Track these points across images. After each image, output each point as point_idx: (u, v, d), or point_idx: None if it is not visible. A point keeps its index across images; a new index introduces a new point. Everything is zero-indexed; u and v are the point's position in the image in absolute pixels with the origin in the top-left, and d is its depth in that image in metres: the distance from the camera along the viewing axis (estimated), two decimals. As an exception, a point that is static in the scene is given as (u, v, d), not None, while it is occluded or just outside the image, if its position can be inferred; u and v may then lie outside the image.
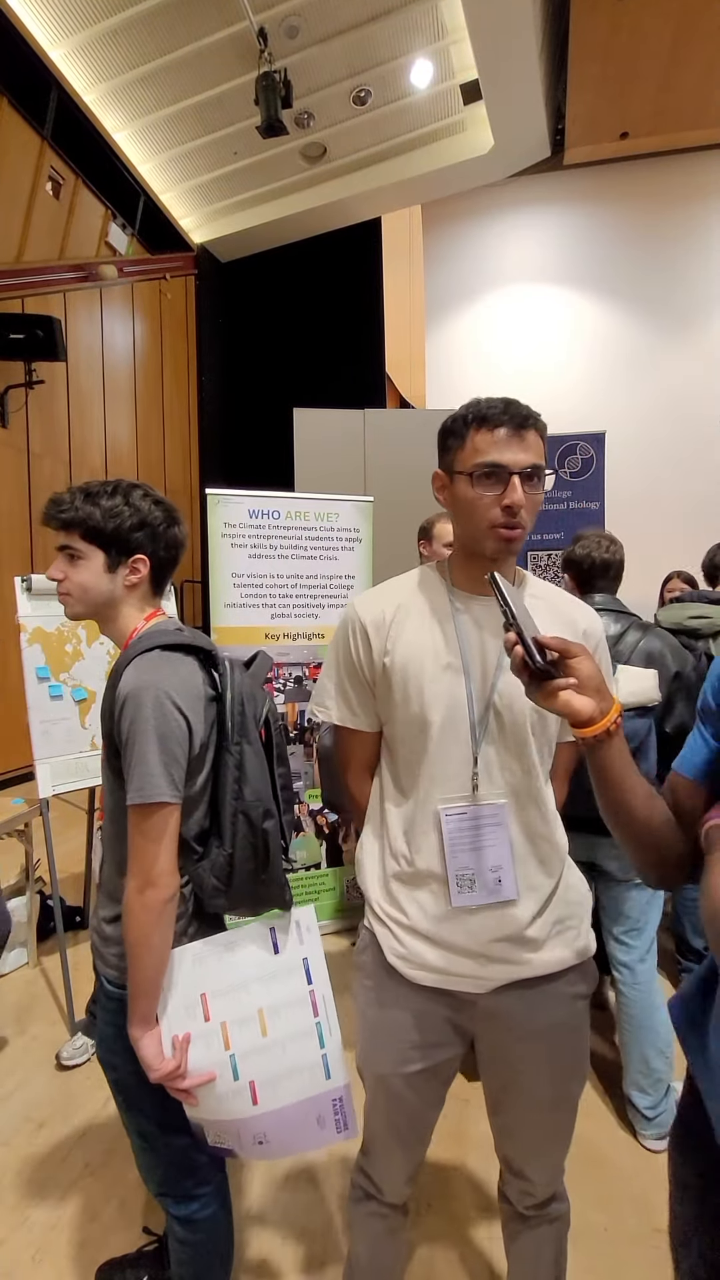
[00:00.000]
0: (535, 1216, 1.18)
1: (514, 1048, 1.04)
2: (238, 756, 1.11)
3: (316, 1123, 1.08)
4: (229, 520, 2.89)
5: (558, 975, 1.03)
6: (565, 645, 0.80)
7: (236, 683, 1.14)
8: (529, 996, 1.02)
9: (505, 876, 1.00)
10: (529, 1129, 1.10)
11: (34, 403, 4.52)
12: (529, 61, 4.90)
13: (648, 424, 6.72)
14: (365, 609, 1.08)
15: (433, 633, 1.03)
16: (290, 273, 6.70)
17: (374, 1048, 1.08)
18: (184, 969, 1.07)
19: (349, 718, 1.11)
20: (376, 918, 1.07)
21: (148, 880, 1.01)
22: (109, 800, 1.11)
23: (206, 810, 1.12)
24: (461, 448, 0.98)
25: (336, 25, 4.71)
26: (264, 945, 1.09)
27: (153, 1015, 1.05)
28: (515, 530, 0.96)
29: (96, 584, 1.11)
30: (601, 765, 0.82)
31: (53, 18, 4.33)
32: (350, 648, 1.09)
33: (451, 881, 1.00)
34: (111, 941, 1.11)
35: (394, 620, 1.06)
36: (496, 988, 1.01)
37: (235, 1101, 1.06)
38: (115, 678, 1.06)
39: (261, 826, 1.10)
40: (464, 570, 1.06)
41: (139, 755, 1.00)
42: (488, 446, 0.96)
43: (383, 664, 1.04)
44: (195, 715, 1.06)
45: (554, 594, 1.11)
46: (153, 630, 1.12)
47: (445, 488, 1.02)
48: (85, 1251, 1.58)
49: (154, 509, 1.13)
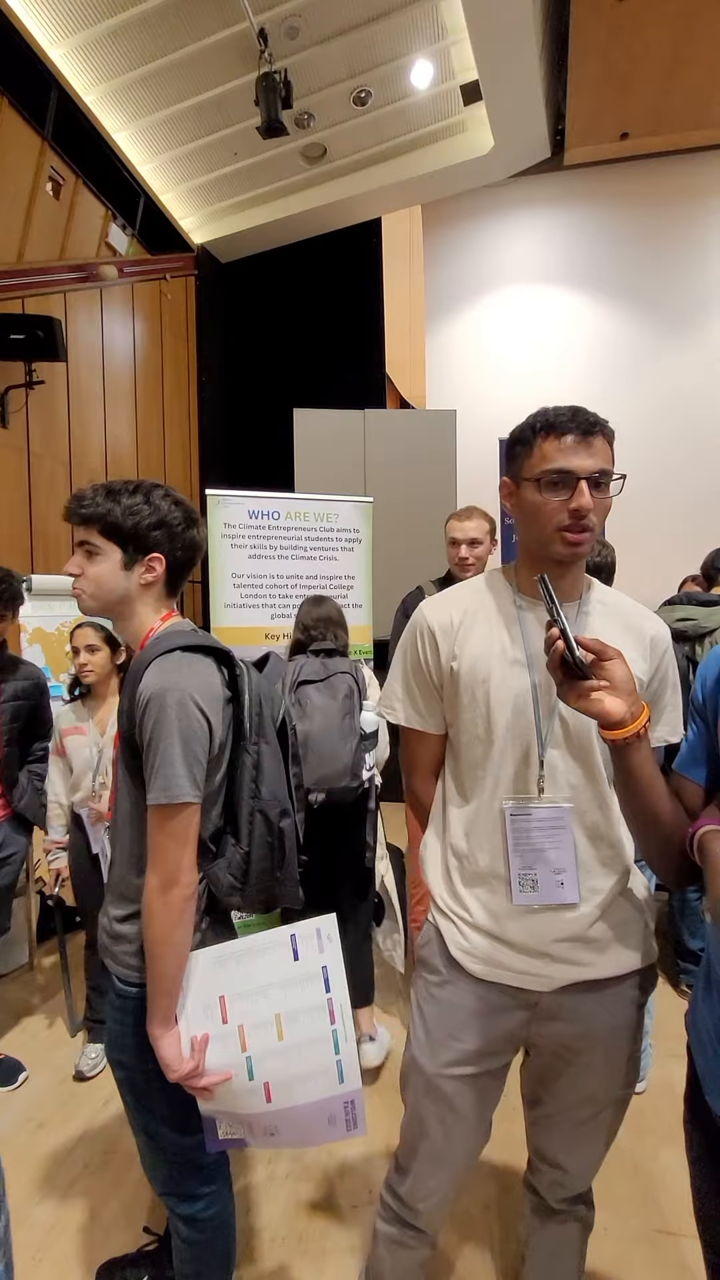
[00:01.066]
0: (565, 1211, 1.18)
1: (572, 1045, 1.05)
2: (255, 756, 1.12)
3: (328, 1121, 1.09)
4: (229, 521, 2.90)
5: (621, 979, 1.03)
6: (602, 647, 0.82)
7: (254, 684, 1.16)
8: (592, 998, 1.02)
9: (567, 879, 1.01)
10: (572, 1125, 1.10)
11: (34, 403, 4.52)
12: (529, 62, 4.90)
13: (648, 424, 6.72)
14: (434, 613, 1.10)
15: (499, 635, 1.05)
16: (290, 273, 6.70)
17: (427, 1044, 1.07)
18: (203, 971, 1.08)
19: (415, 719, 1.13)
20: (440, 912, 1.08)
21: (170, 879, 1.01)
22: (123, 801, 1.12)
23: (221, 810, 1.13)
24: (529, 455, 1.00)
25: (337, 26, 4.71)
26: (285, 952, 1.09)
27: (173, 1014, 1.05)
28: (583, 534, 0.97)
29: (111, 580, 1.12)
30: (629, 768, 0.84)
31: (53, 18, 4.33)
32: (419, 652, 1.11)
33: (514, 881, 1.01)
34: (124, 940, 1.11)
35: (461, 624, 1.07)
36: (560, 987, 1.02)
37: (249, 1099, 1.07)
38: (135, 678, 1.07)
39: (279, 825, 1.12)
40: (529, 574, 1.06)
41: (164, 756, 1.00)
42: (555, 453, 0.97)
43: (450, 667, 1.06)
44: (215, 716, 1.07)
45: (623, 601, 1.12)
46: (171, 631, 1.14)
47: (512, 494, 1.04)
48: (85, 1251, 1.58)
49: (174, 509, 1.14)
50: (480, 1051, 1.05)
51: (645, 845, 0.90)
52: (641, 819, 0.87)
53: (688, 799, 0.88)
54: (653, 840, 0.88)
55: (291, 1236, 1.61)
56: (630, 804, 0.87)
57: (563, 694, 0.84)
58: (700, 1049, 0.86)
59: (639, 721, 0.81)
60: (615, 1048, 1.05)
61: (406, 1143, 1.14)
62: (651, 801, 0.85)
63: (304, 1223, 1.65)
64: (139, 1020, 1.07)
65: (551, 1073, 1.09)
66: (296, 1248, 1.58)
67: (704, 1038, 0.85)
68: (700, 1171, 0.90)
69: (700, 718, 0.89)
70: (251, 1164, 1.81)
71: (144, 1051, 1.07)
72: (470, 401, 6.53)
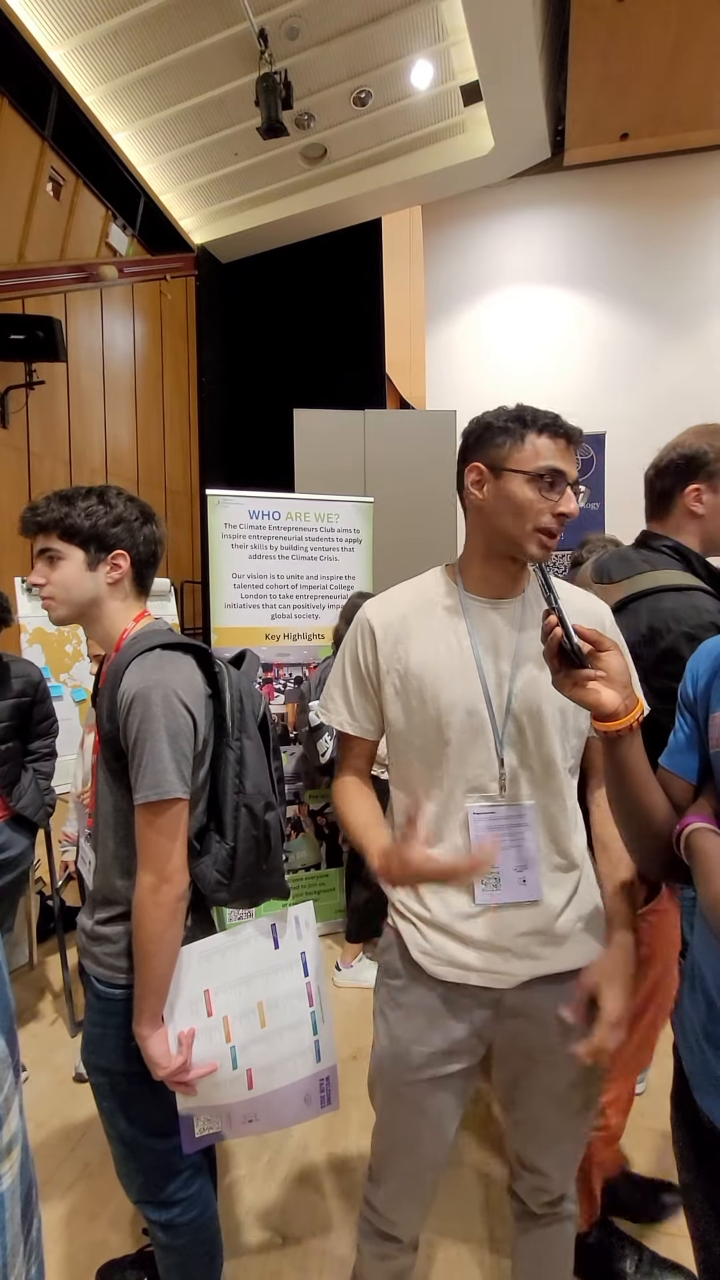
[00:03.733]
0: (548, 1214, 1.18)
1: (537, 1042, 1.04)
2: (238, 751, 1.12)
3: (304, 1100, 1.12)
4: (229, 521, 2.89)
5: (581, 971, 1.04)
6: (599, 638, 0.82)
7: (234, 680, 1.16)
8: (554, 991, 1.02)
9: (529, 876, 1.01)
10: (547, 1124, 1.10)
11: (34, 403, 4.52)
12: (529, 63, 4.90)
13: (648, 425, 6.69)
14: (376, 614, 1.09)
15: (446, 635, 1.03)
16: (290, 273, 6.70)
17: (392, 1052, 1.06)
18: (190, 967, 1.08)
19: (349, 724, 1.11)
20: (400, 915, 1.08)
21: (162, 877, 1.01)
22: (105, 803, 1.11)
23: (205, 807, 1.13)
24: (519, 447, 0.97)
25: (337, 27, 4.71)
26: (265, 941, 1.12)
27: (161, 1013, 1.05)
28: (557, 538, 0.97)
29: (79, 583, 1.12)
30: (621, 761, 0.84)
31: (53, 19, 4.34)
32: (358, 650, 1.09)
33: (476, 881, 1.00)
34: (106, 941, 1.11)
35: (404, 625, 1.05)
36: (522, 983, 1.02)
37: (231, 1088, 1.08)
38: (114, 679, 1.06)
39: (263, 818, 1.12)
40: (481, 572, 1.05)
41: (152, 753, 1.00)
42: (550, 453, 0.96)
43: (393, 670, 1.05)
44: (199, 713, 1.07)
45: (573, 591, 1.12)
46: (147, 630, 1.13)
47: (487, 483, 1.00)
48: (85, 1252, 1.58)
49: (129, 506, 1.15)
50: (446, 1053, 1.04)
51: (632, 839, 0.90)
52: (631, 813, 0.87)
53: (674, 795, 0.88)
54: (641, 834, 0.88)
55: (283, 1238, 1.61)
56: (620, 797, 0.87)
57: (558, 683, 0.84)
58: (687, 1047, 0.87)
59: (633, 714, 0.81)
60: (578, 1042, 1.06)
61: (379, 1152, 1.13)
62: (642, 795, 0.85)
63: (296, 1225, 1.64)
64: (124, 1022, 1.06)
65: (521, 1074, 1.08)
66: (288, 1249, 1.58)
67: (690, 1036, 0.85)
68: (687, 1168, 0.90)
69: (690, 713, 0.89)
70: (241, 1164, 1.81)
71: (128, 1054, 1.06)
72: (470, 401, 6.51)
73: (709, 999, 0.82)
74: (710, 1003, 0.81)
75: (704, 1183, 0.86)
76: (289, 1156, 1.84)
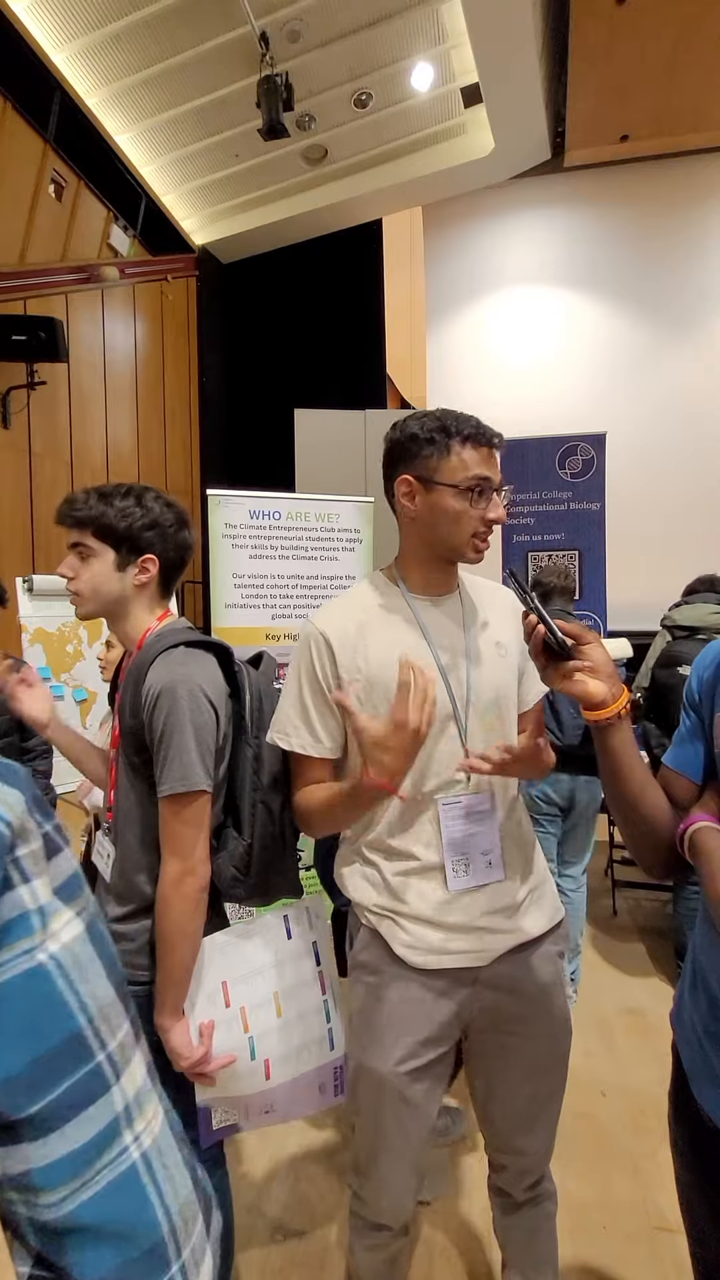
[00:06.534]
0: (531, 1198, 1.21)
1: (511, 1011, 1.09)
2: (256, 749, 1.14)
3: (319, 1090, 1.15)
4: (230, 521, 2.90)
5: (543, 937, 1.11)
6: (581, 632, 0.85)
7: (253, 680, 1.18)
8: (522, 960, 1.09)
9: (494, 858, 1.07)
10: (525, 1099, 1.13)
11: (36, 404, 4.54)
12: (529, 65, 4.92)
13: (648, 425, 6.72)
14: (326, 624, 1.09)
15: (402, 637, 1.07)
16: (291, 274, 6.71)
17: (373, 1045, 1.08)
18: (209, 959, 1.10)
19: (310, 745, 1.08)
20: (377, 915, 1.09)
21: (187, 869, 1.03)
22: (125, 800, 1.13)
23: (223, 804, 1.15)
24: (445, 459, 1.01)
25: (338, 29, 4.72)
26: (279, 932, 1.15)
27: (182, 1005, 1.06)
28: (489, 540, 1.05)
29: (107, 581, 1.13)
30: (611, 750, 0.86)
31: (56, 22, 4.35)
32: (314, 663, 1.08)
33: (448, 869, 1.05)
34: (124, 939, 1.12)
35: (361, 633, 1.07)
36: (495, 958, 1.07)
37: (250, 1079, 1.10)
38: (138, 674, 1.08)
39: (280, 815, 1.13)
40: (423, 574, 1.11)
41: (178, 746, 1.02)
42: (475, 462, 1.01)
43: (354, 679, 1.06)
44: (221, 709, 1.10)
45: (479, 583, 1.19)
46: (170, 628, 1.16)
47: (418, 495, 1.05)
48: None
49: (165, 511, 1.16)
50: (429, 1039, 1.07)
51: (627, 829, 0.91)
52: (623, 802, 0.88)
53: (678, 794, 0.88)
54: (635, 824, 0.88)
55: (290, 1236, 1.61)
56: (612, 787, 0.88)
57: (546, 678, 0.87)
58: (686, 1045, 0.87)
59: (620, 702, 0.84)
60: (545, 1005, 1.11)
61: (364, 1145, 1.14)
62: (633, 785, 0.86)
63: (303, 1222, 1.65)
64: (144, 1018, 1.07)
65: (496, 1050, 1.12)
66: (296, 1246, 1.59)
67: (689, 1034, 0.86)
68: (684, 1165, 0.90)
69: (695, 712, 0.90)
70: (249, 1163, 1.82)
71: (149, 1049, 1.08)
72: (470, 401, 6.49)
73: (710, 996, 0.82)
74: (712, 1000, 0.82)
75: (702, 1180, 0.87)
76: (290, 1152, 1.85)
